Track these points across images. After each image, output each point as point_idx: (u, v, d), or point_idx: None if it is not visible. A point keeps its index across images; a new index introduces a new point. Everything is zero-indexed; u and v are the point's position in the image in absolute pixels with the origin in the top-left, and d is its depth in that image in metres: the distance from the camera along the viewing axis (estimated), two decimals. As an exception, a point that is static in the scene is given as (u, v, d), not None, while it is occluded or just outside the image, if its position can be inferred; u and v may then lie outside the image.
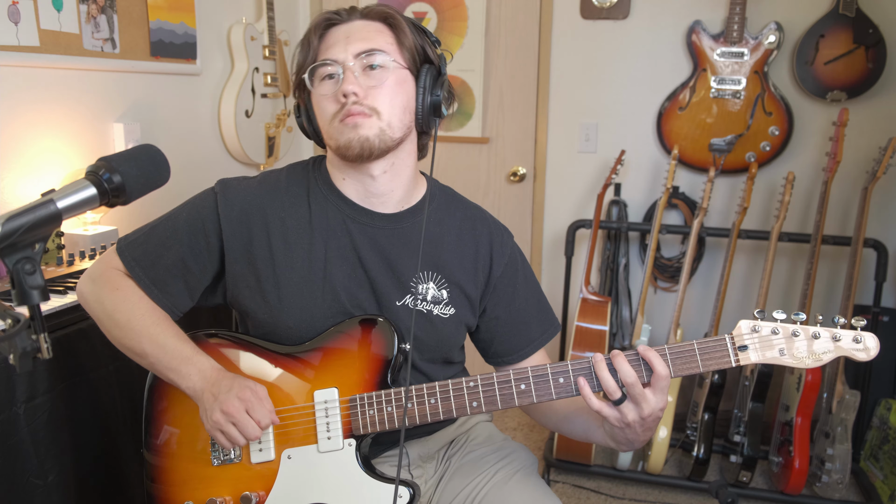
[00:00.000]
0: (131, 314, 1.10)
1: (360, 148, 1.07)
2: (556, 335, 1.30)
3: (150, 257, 1.13)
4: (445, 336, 1.19)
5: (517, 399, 1.06)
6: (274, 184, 1.18)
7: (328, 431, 1.09)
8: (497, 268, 1.22)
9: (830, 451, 2.27)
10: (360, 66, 1.07)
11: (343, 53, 1.07)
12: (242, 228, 1.13)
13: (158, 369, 1.10)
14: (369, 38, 1.08)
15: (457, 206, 1.24)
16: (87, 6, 1.85)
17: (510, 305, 1.23)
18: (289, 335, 1.14)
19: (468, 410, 1.07)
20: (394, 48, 1.10)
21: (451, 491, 1.21)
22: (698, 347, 1.02)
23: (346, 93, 1.05)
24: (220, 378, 1.06)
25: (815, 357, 0.99)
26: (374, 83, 1.07)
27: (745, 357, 1.01)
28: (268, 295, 1.12)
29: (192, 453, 1.13)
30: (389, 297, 1.15)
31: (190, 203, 1.18)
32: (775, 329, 1.00)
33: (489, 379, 1.07)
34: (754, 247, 2.71)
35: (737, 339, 1.01)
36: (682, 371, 1.02)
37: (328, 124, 1.09)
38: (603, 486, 2.45)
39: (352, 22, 1.10)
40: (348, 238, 1.14)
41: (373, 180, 1.13)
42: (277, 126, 2.69)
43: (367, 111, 1.06)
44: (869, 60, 2.42)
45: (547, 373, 1.05)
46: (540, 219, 2.92)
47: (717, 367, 1.02)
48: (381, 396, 1.09)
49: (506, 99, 2.87)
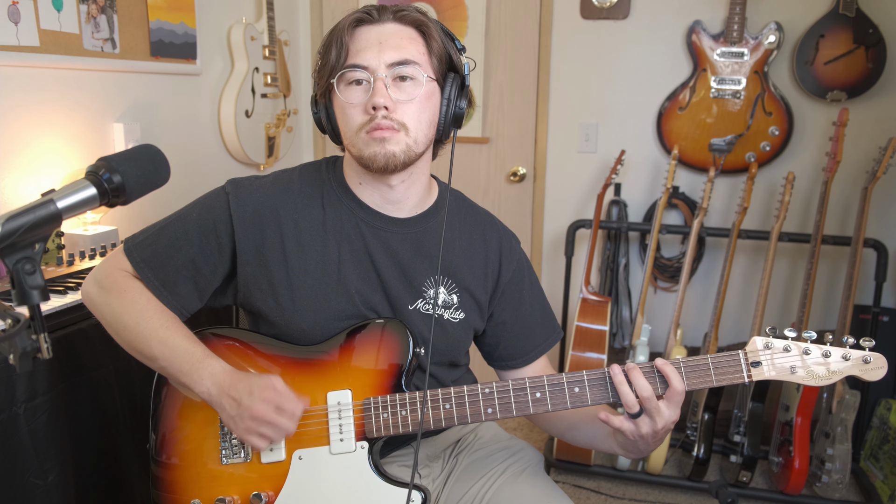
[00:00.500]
0: (140, 317, 1.09)
1: (385, 162, 1.06)
2: (558, 341, 1.31)
3: (160, 258, 1.12)
4: (455, 340, 1.19)
5: (532, 407, 1.06)
6: (287, 184, 1.16)
7: (341, 433, 1.09)
8: (506, 273, 1.22)
9: (830, 451, 2.27)
10: (391, 75, 1.05)
11: (375, 61, 1.04)
12: (255, 229, 1.12)
13: (170, 373, 1.09)
14: (402, 46, 1.06)
15: (468, 211, 1.25)
16: (87, 6, 1.85)
17: (517, 311, 1.24)
18: (302, 337, 1.13)
19: (483, 417, 1.07)
20: (425, 59, 1.08)
21: (460, 490, 1.21)
22: (712, 362, 1.03)
23: (376, 105, 1.03)
24: (235, 381, 1.04)
25: (827, 375, 1.02)
26: (404, 97, 1.05)
27: (757, 373, 1.02)
28: (281, 297, 1.12)
29: (200, 452, 1.13)
30: (402, 301, 1.15)
31: (200, 203, 1.16)
32: (787, 346, 1.02)
33: (504, 386, 1.07)
34: (754, 247, 2.71)
35: (750, 355, 1.03)
36: (695, 385, 1.03)
37: (354, 134, 1.07)
38: (603, 486, 2.45)
39: (384, 24, 1.07)
40: (362, 241, 1.14)
41: (390, 189, 1.13)
42: (277, 126, 2.69)
43: (395, 126, 1.05)
44: (869, 60, 2.42)
45: (563, 382, 1.06)
46: (540, 219, 2.92)
47: (730, 381, 1.03)
48: (395, 400, 1.09)
49: (506, 99, 2.87)
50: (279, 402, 1.03)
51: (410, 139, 1.07)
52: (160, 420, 1.16)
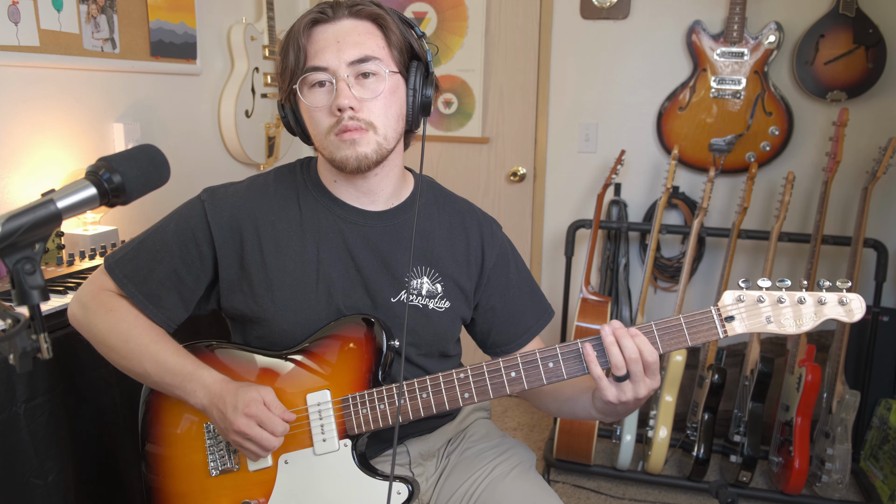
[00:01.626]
0: (128, 335, 1.09)
1: (357, 164, 1.06)
2: (550, 321, 1.30)
3: (142, 272, 1.12)
4: (441, 330, 1.19)
5: (508, 387, 1.06)
6: (262, 187, 1.17)
7: (323, 434, 1.09)
8: (489, 259, 1.22)
9: (830, 451, 2.27)
10: (353, 73, 1.05)
11: (335, 61, 1.04)
12: (233, 235, 1.12)
13: (163, 388, 1.10)
14: (361, 42, 1.05)
15: (445, 200, 1.25)
16: (87, 6, 1.85)
17: (505, 295, 1.24)
18: (284, 338, 1.13)
19: (460, 402, 1.07)
20: (385, 52, 1.07)
21: (450, 487, 1.21)
22: (685, 321, 1.01)
23: (341, 107, 1.04)
24: (223, 392, 1.04)
25: (802, 322, 0.98)
26: (368, 95, 1.05)
27: (731, 328, 1.00)
28: (261, 299, 1.12)
29: (190, 465, 1.13)
30: (384, 295, 1.15)
31: (177, 214, 1.16)
32: (760, 297, 0.99)
33: (479, 369, 1.07)
34: (754, 247, 2.71)
35: (723, 310, 1.00)
36: (670, 346, 1.01)
37: (323, 137, 1.08)
38: (603, 486, 2.45)
39: (340, 22, 1.06)
40: (340, 238, 1.14)
41: (365, 181, 1.14)
42: (277, 126, 2.69)
43: (363, 126, 1.05)
44: (869, 60, 2.42)
45: (536, 358, 1.05)
46: (540, 219, 2.92)
47: (706, 339, 1.01)
48: (373, 395, 1.09)
49: (506, 99, 2.87)
50: (262, 418, 1.02)
51: (380, 136, 1.07)
52: (148, 436, 1.16)
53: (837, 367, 2.33)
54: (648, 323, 1.02)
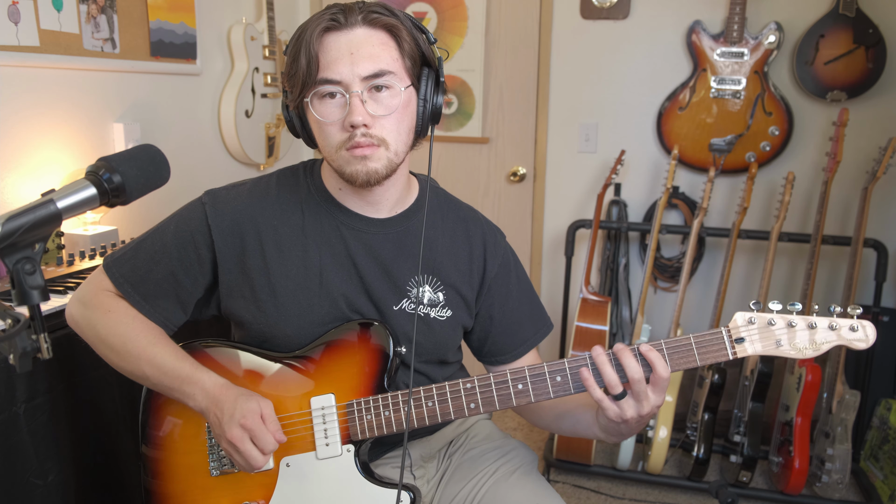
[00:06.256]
0: (126, 337, 1.08)
1: (367, 179, 1.05)
2: (548, 334, 1.29)
3: (139, 273, 1.11)
4: (443, 338, 1.19)
5: (515, 399, 1.05)
6: (264, 191, 1.15)
7: (326, 438, 1.09)
8: (491, 268, 1.21)
9: (830, 451, 2.27)
10: (366, 87, 1.02)
11: (349, 74, 1.01)
12: (235, 239, 1.11)
13: (162, 390, 1.10)
14: (375, 55, 1.02)
15: (449, 207, 1.24)
16: (87, 6, 1.85)
17: (504, 305, 1.23)
18: (287, 343, 1.13)
19: (466, 412, 1.07)
20: (398, 64, 1.04)
21: (452, 489, 1.21)
22: (695, 341, 1.01)
23: (354, 124, 1.01)
24: (222, 397, 1.04)
25: (814, 347, 0.98)
26: (382, 111, 1.03)
27: (741, 349, 1.00)
28: (264, 304, 1.11)
29: (190, 464, 1.13)
30: (386, 302, 1.14)
31: (177, 216, 1.15)
32: (772, 320, 0.99)
33: (486, 380, 1.07)
34: (754, 247, 2.71)
35: (733, 331, 1.01)
36: (679, 366, 1.01)
37: (333, 151, 1.05)
38: (603, 486, 2.45)
39: (353, 30, 1.02)
40: (343, 244, 1.13)
41: (371, 192, 1.13)
42: (277, 126, 2.69)
43: (375, 142, 1.03)
44: (869, 60, 2.42)
45: (544, 372, 1.05)
46: (540, 219, 2.92)
47: (715, 360, 1.01)
48: (378, 401, 1.08)
49: (506, 99, 2.87)
50: (256, 433, 1.02)
51: (391, 153, 1.05)
52: (148, 435, 1.16)
53: (837, 367, 2.33)
54: (658, 341, 1.02)
